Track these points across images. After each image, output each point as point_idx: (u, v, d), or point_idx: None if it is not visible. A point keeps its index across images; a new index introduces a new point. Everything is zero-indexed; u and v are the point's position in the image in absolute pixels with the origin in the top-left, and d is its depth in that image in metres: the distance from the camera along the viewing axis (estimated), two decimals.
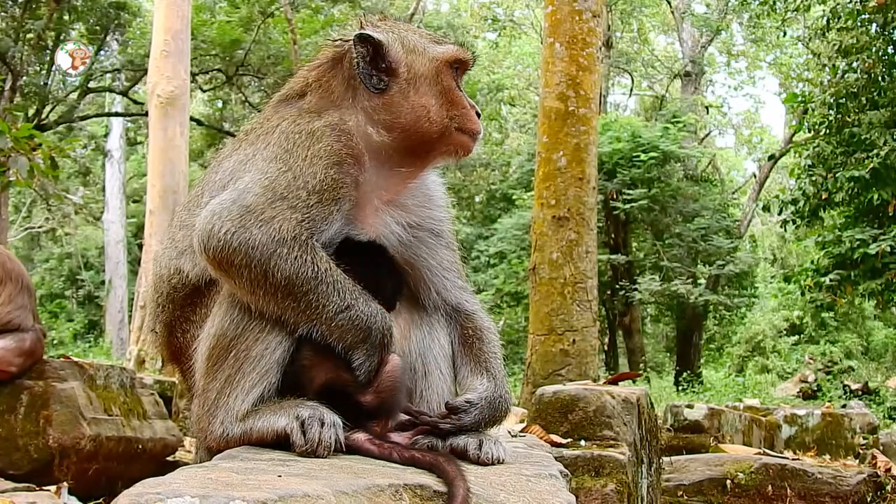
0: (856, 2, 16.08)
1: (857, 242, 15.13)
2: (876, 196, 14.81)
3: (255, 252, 2.30)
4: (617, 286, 25.29)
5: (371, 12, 2.97)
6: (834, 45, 17.06)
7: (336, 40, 2.74)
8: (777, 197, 17.99)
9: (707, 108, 33.67)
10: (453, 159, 2.78)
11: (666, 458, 5.44)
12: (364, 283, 2.43)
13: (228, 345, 2.38)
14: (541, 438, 3.54)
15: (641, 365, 25.30)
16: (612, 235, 25.49)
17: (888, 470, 5.96)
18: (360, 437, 2.30)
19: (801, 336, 27.22)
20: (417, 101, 2.64)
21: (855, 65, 16.08)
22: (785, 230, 18.88)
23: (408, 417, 2.47)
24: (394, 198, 2.71)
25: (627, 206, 23.40)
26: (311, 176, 2.43)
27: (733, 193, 32.62)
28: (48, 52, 21.93)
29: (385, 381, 2.38)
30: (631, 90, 35.71)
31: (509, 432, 3.43)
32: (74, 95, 24.05)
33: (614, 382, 4.73)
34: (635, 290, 23.92)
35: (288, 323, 2.36)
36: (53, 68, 22.20)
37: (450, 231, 2.85)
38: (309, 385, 2.38)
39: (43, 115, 22.18)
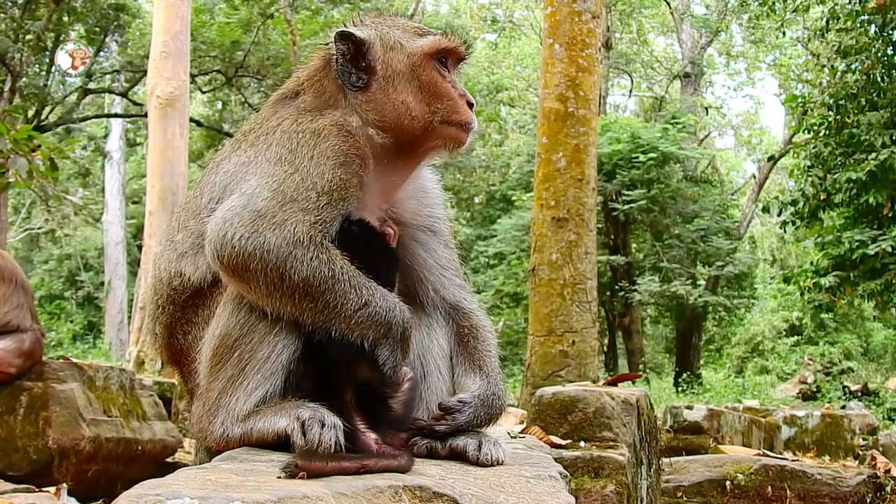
0: (855, 3, 16.09)
1: (857, 243, 15.13)
2: (872, 199, 14.82)
3: (271, 256, 2.28)
4: (616, 287, 25.30)
5: (367, 13, 2.92)
6: (833, 46, 17.08)
7: (327, 42, 2.73)
8: (776, 198, 18.00)
9: (706, 109, 33.69)
10: (447, 153, 2.76)
11: (665, 460, 5.44)
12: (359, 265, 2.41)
13: (232, 345, 2.38)
14: (540, 439, 3.54)
15: (641, 366, 25.30)
16: (612, 236, 25.50)
17: (888, 471, 5.96)
18: (371, 437, 2.29)
19: (801, 337, 27.24)
20: (397, 98, 2.62)
21: (854, 66, 16.09)
22: (784, 231, 18.87)
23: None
24: (390, 197, 2.70)
25: (627, 206, 23.41)
26: (318, 176, 2.42)
27: (733, 194, 32.63)
28: (47, 53, 21.93)
29: (403, 397, 2.39)
30: (630, 91, 35.72)
31: (509, 433, 3.43)
32: (74, 97, 24.05)
33: (614, 383, 4.73)
34: (635, 291, 23.92)
35: (306, 324, 2.34)
36: (53, 69, 22.20)
37: (447, 229, 2.83)
38: (342, 383, 2.37)
39: (42, 117, 22.17)
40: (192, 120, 20.70)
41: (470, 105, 2.68)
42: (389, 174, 2.68)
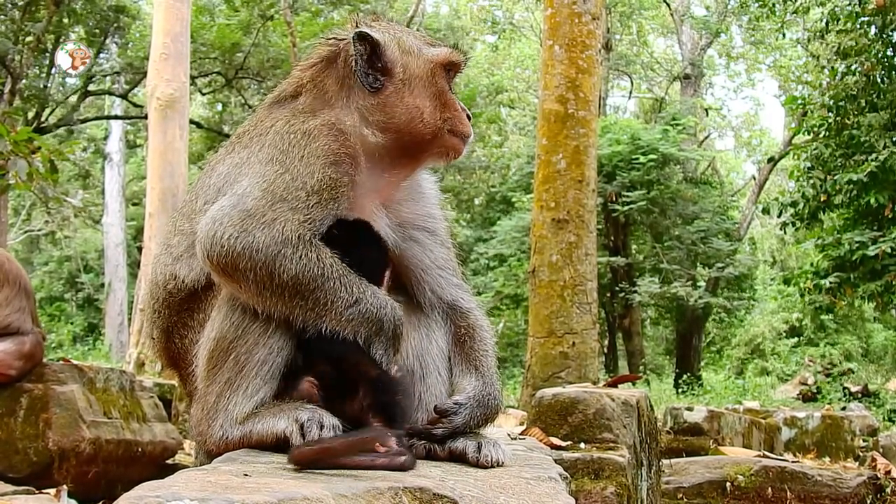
0: (854, 4, 16.09)
1: (857, 244, 15.12)
2: (873, 199, 14.83)
3: (259, 255, 2.30)
4: (616, 288, 25.31)
5: (369, 15, 2.94)
6: (833, 47, 17.08)
7: (330, 39, 2.74)
8: (776, 199, 18.00)
9: (706, 110, 33.69)
10: (443, 161, 2.79)
11: (665, 461, 5.44)
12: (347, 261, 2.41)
13: (228, 348, 2.38)
14: (540, 441, 3.54)
15: (641, 367, 25.31)
16: (612, 238, 25.51)
17: (888, 472, 5.97)
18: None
19: (801, 338, 27.25)
20: (412, 102, 2.65)
21: (854, 67, 16.08)
22: (784, 232, 18.86)
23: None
24: (387, 198, 2.71)
25: (627, 208, 23.42)
26: (308, 176, 2.43)
27: (733, 196, 32.63)
28: (47, 54, 21.95)
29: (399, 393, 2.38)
30: (630, 92, 35.72)
31: (509, 435, 3.43)
32: (74, 98, 24.06)
33: (614, 385, 4.72)
34: (635, 292, 23.93)
35: (297, 322, 2.35)
36: (53, 71, 22.23)
37: (444, 229, 2.84)
38: (351, 380, 2.35)
39: (42, 118, 22.18)
40: (192, 122, 20.72)
41: (468, 118, 2.75)
42: (384, 174, 2.69)
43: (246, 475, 1.88)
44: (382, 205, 2.68)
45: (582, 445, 3.73)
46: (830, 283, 15.57)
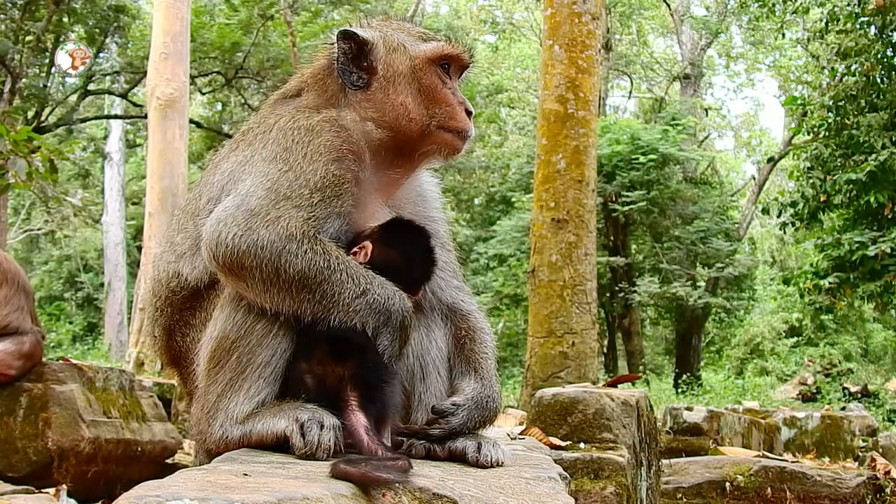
0: (854, 4, 16.09)
1: (856, 245, 15.14)
2: (873, 199, 14.84)
3: (265, 252, 2.30)
4: (616, 288, 25.30)
5: (370, 14, 2.96)
6: (833, 47, 17.08)
7: (332, 42, 2.75)
8: (776, 199, 17.99)
9: (706, 110, 33.70)
10: (442, 158, 2.77)
11: (665, 461, 5.44)
12: (394, 261, 2.44)
13: (230, 348, 2.38)
14: (540, 441, 3.54)
15: (641, 367, 25.31)
16: (612, 238, 25.51)
17: (887, 472, 5.97)
18: (360, 419, 2.24)
19: (801, 338, 27.24)
20: (396, 99, 2.65)
21: (854, 67, 16.09)
22: (784, 232, 18.87)
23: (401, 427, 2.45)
24: (390, 197, 2.72)
25: (626, 208, 23.42)
26: (312, 173, 2.44)
27: (732, 196, 32.62)
28: (47, 54, 21.93)
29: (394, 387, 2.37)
30: (630, 93, 35.72)
31: (508, 435, 3.43)
32: (74, 98, 24.05)
33: (614, 385, 4.73)
34: (634, 292, 23.93)
35: (305, 317, 2.35)
36: (53, 70, 22.21)
37: (444, 231, 2.85)
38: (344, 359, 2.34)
39: (42, 118, 22.17)
40: (191, 121, 20.71)
41: (469, 114, 2.70)
42: (387, 172, 2.70)
43: (246, 475, 1.88)
44: (386, 203, 2.69)
45: (581, 445, 3.73)
46: (830, 283, 15.57)
